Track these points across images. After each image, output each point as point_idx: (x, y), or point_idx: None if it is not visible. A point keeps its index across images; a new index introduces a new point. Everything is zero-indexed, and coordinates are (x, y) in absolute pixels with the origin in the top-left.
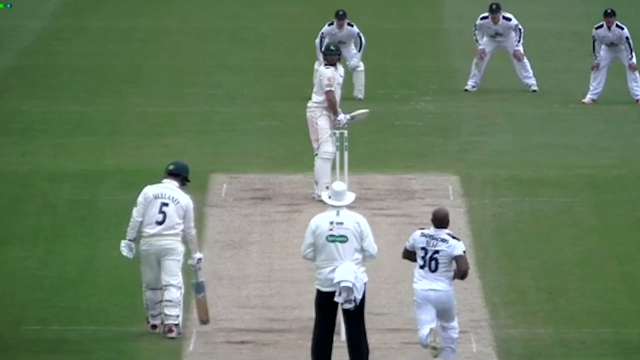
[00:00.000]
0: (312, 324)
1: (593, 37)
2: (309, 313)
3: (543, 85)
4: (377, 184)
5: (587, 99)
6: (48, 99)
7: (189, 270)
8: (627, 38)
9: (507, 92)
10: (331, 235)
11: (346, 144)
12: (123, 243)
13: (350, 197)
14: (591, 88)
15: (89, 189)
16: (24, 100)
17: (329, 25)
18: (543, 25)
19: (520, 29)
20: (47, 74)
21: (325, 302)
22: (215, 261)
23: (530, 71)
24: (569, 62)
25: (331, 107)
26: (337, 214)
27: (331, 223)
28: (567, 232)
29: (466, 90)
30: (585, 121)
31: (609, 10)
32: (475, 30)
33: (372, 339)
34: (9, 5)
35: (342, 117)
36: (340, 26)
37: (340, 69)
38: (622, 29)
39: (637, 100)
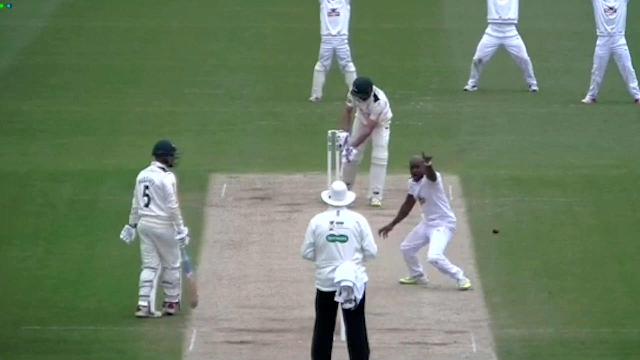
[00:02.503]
0: (312, 323)
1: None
2: (309, 313)
3: (543, 85)
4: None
5: (587, 98)
6: (48, 99)
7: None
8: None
9: (507, 92)
10: (331, 235)
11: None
12: (124, 228)
13: (350, 197)
14: (590, 87)
15: (89, 189)
16: (24, 100)
17: None
18: (543, 25)
19: None
20: (47, 74)
21: (325, 302)
22: (215, 261)
23: (532, 71)
24: (569, 62)
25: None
26: (337, 213)
27: (331, 223)
28: (567, 232)
29: (466, 90)
30: (585, 121)
31: None
32: None
33: (372, 339)
34: (9, 5)
35: (344, 135)
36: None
37: (372, 106)
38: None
39: (636, 100)
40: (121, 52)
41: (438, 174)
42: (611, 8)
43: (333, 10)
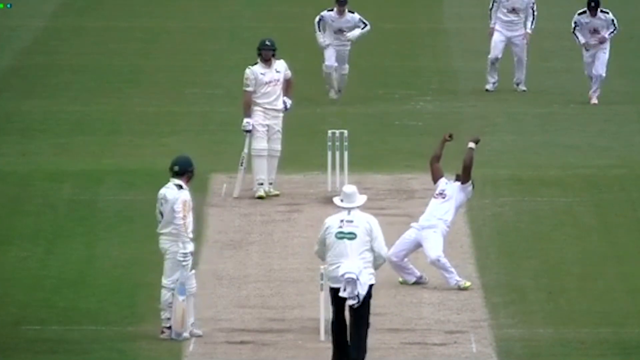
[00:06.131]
0: (311, 324)
1: (575, 23)
2: (309, 313)
3: (543, 85)
4: (377, 183)
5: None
6: (48, 99)
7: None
8: (612, 21)
9: (507, 92)
10: (340, 232)
11: (346, 143)
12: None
13: (361, 199)
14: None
15: (89, 189)
16: (24, 100)
17: (328, 10)
18: (543, 25)
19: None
20: (47, 73)
21: (335, 299)
22: (215, 261)
23: (524, 73)
24: (569, 62)
25: (243, 107)
26: (349, 213)
27: (341, 221)
28: (567, 232)
29: (487, 90)
30: (585, 121)
31: (592, 4)
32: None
33: (372, 339)
34: (9, 5)
35: (247, 122)
36: (340, 13)
37: (278, 63)
38: (607, 13)
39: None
40: (121, 52)
41: (469, 183)
42: (595, 30)
43: (340, 29)
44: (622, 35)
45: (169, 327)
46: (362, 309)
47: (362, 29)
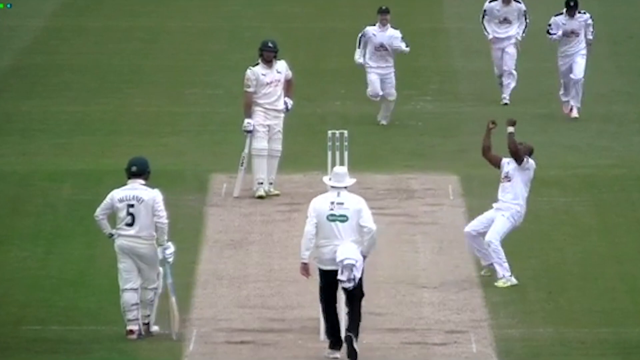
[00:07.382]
0: (312, 324)
1: (549, 25)
2: (309, 313)
3: (543, 85)
4: (376, 183)
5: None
6: (48, 99)
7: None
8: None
9: None
10: (332, 215)
11: (346, 143)
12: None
13: (350, 180)
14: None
15: (89, 189)
16: (24, 100)
17: (371, 25)
18: (543, 25)
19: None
20: (47, 73)
21: (327, 281)
22: (215, 261)
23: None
24: None
25: (244, 108)
26: (338, 194)
27: (332, 203)
28: (567, 232)
29: (506, 104)
30: (585, 121)
31: (572, 3)
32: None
33: (372, 339)
34: (9, 5)
35: (248, 122)
36: (382, 24)
37: (279, 64)
38: (585, 14)
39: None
40: (121, 52)
41: (526, 160)
42: (573, 32)
43: (381, 45)
44: (622, 35)
45: (147, 324)
46: (356, 289)
47: (406, 46)
